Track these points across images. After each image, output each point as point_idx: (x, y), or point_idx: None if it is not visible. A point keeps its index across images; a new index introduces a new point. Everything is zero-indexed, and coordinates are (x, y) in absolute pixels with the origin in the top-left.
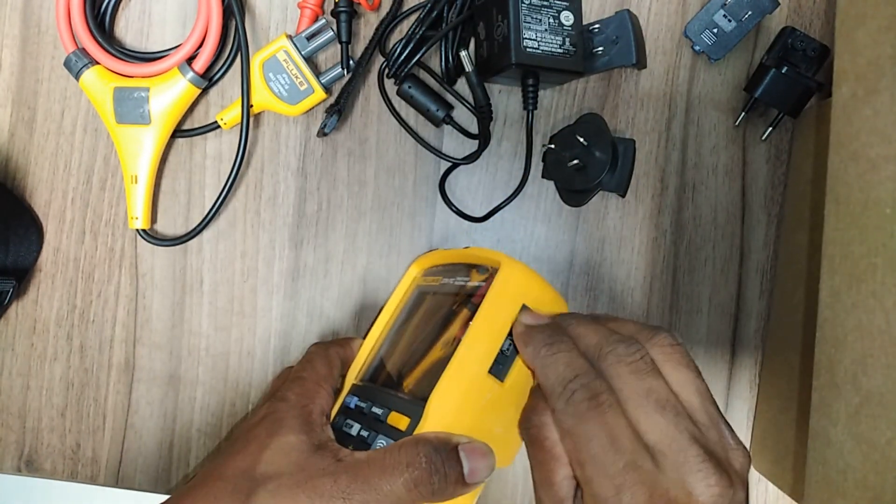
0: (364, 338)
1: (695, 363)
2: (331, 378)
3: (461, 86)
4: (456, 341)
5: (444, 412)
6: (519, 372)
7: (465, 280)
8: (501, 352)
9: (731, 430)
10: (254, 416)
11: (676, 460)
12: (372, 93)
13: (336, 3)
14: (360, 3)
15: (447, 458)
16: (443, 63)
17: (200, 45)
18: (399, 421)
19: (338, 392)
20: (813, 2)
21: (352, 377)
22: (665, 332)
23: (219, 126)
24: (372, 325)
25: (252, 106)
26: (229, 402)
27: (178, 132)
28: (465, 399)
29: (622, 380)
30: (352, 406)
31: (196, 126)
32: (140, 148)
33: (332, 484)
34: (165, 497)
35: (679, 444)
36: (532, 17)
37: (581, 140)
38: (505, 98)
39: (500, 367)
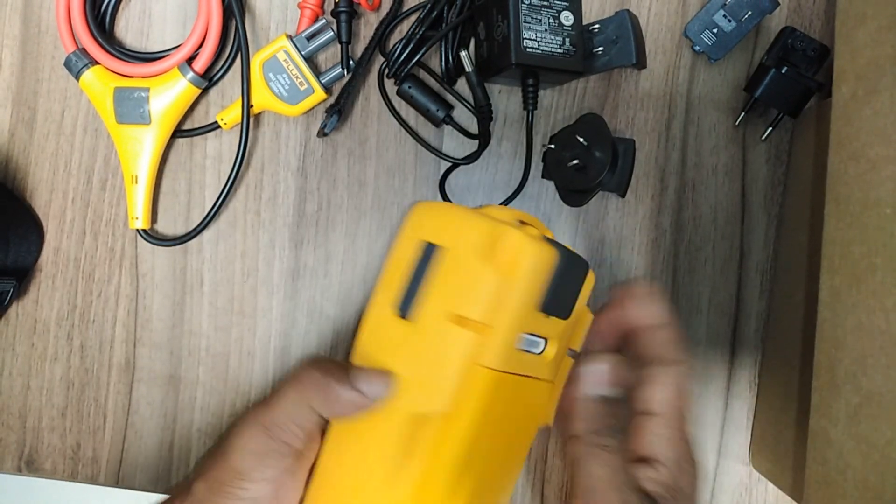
0: None
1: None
2: None
3: (461, 86)
4: None
5: (363, 364)
6: (429, 308)
7: None
8: (410, 292)
9: None
10: None
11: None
12: (372, 93)
13: (336, 4)
14: (360, 4)
15: (333, 366)
16: (443, 63)
17: (200, 46)
18: None
19: None
20: (813, 2)
21: None
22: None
23: (219, 126)
24: None
25: (252, 106)
26: (229, 402)
27: (178, 132)
28: (377, 347)
29: None
30: None
31: (196, 126)
32: (140, 148)
33: (253, 414)
34: (165, 497)
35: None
36: (532, 18)
37: (581, 140)
38: (505, 98)
39: (408, 307)
